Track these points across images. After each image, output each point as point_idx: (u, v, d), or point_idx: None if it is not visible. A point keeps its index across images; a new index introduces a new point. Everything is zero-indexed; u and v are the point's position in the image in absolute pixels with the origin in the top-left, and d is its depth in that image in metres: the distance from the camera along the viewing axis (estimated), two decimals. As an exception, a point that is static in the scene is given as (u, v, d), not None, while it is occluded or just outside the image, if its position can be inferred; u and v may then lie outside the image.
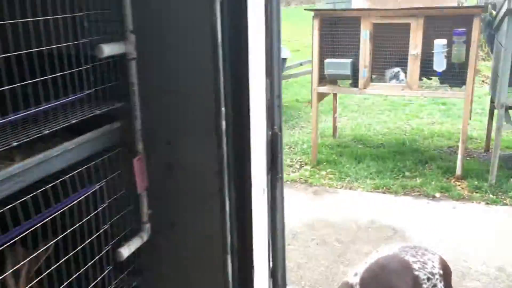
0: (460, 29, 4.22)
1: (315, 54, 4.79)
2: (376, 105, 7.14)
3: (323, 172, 4.88)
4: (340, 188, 4.57)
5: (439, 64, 4.36)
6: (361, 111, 6.97)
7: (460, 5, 9.83)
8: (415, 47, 4.40)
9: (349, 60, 4.68)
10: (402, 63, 4.59)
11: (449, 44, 4.32)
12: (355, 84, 4.79)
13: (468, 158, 5.03)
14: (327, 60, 4.73)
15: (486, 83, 8.42)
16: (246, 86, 1.45)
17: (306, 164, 5.13)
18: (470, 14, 4.21)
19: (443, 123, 6.27)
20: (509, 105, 4.28)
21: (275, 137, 1.74)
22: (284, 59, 6.84)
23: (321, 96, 5.08)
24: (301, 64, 7.67)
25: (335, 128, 5.84)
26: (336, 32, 4.86)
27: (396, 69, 4.72)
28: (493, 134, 4.68)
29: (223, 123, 1.43)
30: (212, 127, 1.44)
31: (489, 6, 10.83)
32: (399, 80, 4.67)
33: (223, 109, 1.42)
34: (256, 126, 1.57)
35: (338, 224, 3.90)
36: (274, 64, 1.67)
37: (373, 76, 5.04)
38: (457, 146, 4.73)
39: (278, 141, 1.75)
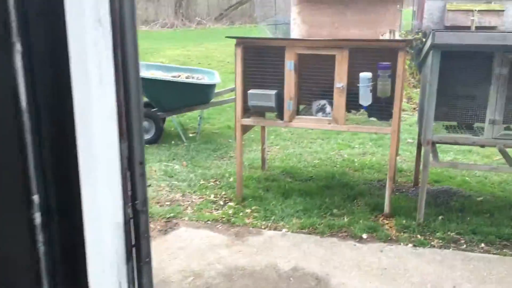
0: (385, 63, 4.07)
1: (238, 84, 4.51)
2: (309, 132, 6.95)
3: (248, 210, 4.56)
4: (265, 228, 4.26)
5: (365, 98, 4.19)
6: (294, 139, 6.76)
7: (392, 33, 10.00)
8: (340, 79, 4.20)
9: (273, 92, 4.42)
10: (329, 95, 4.39)
11: (376, 78, 4.16)
12: (280, 116, 4.53)
13: (397, 193, 4.88)
14: (250, 91, 4.46)
15: (417, 110, 8.46)
16: (73, 156, 1.08)
17: (231, 200, 4.79)
18: (394, 48, 4.07)
19: (374, 153, 6.15)
20: (436, 141, 4.15)
21: (136, 216, 1.38)
22: (213, 85, 6.53)
23: (246, 128, 4.78)
24: (232, 91, 7.38)
25: (263, 160, 5.56)
26: (261, 61, 4.60)
27: (323, 102, 4.52)
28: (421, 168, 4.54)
29: (36, 215, 1.05)
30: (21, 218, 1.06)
31: (420, 34, 11.08)
32: (326, 113, 4.46)
33: (35, 197, 1.04)
34: (99, 208, 1.21)
35: (258, 273, 3.57)
36: (133, 122, 1.32)
37: (302, 107, 4.83)
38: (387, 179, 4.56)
39: (141, 220, 1.39)
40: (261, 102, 4.44)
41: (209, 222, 4.36)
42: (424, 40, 10.21)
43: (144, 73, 6.52)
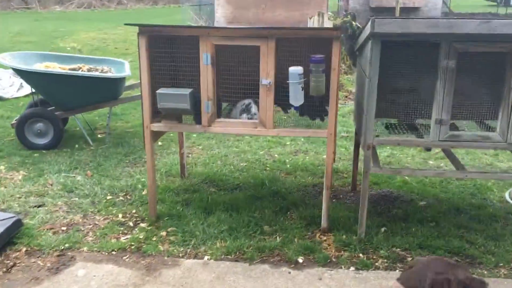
0: (317, 56, 3.44)
1: (144, 83, 3.70)
2: (235, 129, 6.25)
3: (163, 233, 3.81)
4: (183, 256, 3.53)
5: (296, 97, 3.54)
6: (218, 137, 6.04)
7: (321, 16, 9.43)
8: (266, 75, 3.52)
9: (187, 91, 3.66)
10: (255, 93, 3.70)
11: (308, 73, 3.52)
12: (198, 120, 3.79)
13: (334, 200, 4.33)
14: (159, 91, 3.66)
15: (350, 98, 8.04)
16: None
17: (143, 220, 4.01)
18: (328, 37, 3.44)
19: (307, 151, 5.58)
20: (377, 144, 3.60)
21: None
22: (121, 79, 5.62)
23: (157, 135, 4.00)
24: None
25: (183, 167, 4.80)
26: (172, 54, 3.82)
27: (247, 101, 3.83)
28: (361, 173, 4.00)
29: None
30: None
31: (349, 16, 10.65)
32: (251, 114, 3.78)
33: None
34: None
35: (172, 323, 2.86)
36: None
37: (225, 106, 4.12)
38: (323, 185, 3.98)
39: None
40: (173, 104, 3.66)
41: (114, 252, 3.56)
42: (353, 23, 9.80)
43: (36, 65, 5.48)
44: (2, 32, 15.22)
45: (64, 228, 3.89)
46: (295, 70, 3.48)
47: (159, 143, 5.80)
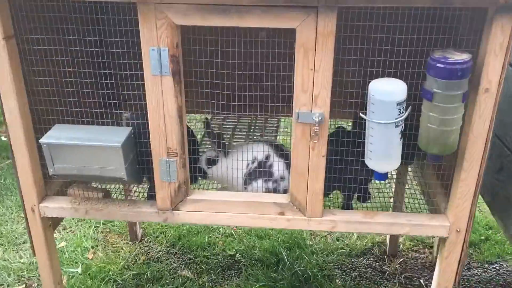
0: (456, 56, 1.32)
1: (12, 116, 1.54)
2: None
3: None
4: None
5: (385, 153, 1.46)
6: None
7: None
8: (311, 100, 1.42)
9: (119, 137, 1.53)
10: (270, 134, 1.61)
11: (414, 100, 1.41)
12: (148, 192, 1.69)
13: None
14: (48, 137, 1.52)
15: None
16: None
17: None
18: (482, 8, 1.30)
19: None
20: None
21: None
22: None
23: (56, 222, 1.88)
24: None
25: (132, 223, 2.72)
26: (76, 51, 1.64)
27: (262, 152, 1.72)
28: None
29: None
30: None
31: None
32: (274, 180, 1.69)
33: None
34: None
35: None
36: None
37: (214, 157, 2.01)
38: None
39: None
40: (85, 167, 1.55)
41: None
42: None
43: None
44: None
45: None
46: (389, 90, 1.36)
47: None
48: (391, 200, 2.20)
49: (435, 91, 1.31)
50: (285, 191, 1.69)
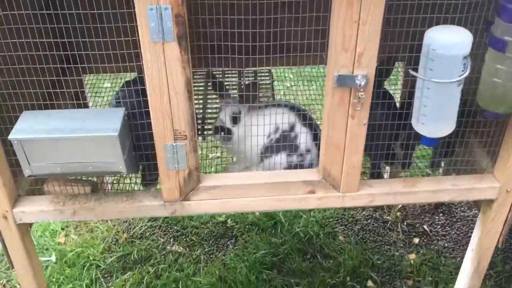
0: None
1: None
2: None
3: None
4: None
5: (442, 115, 1.24)
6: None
7: None
8: (353, 58, 1.16)
9: (114, 123, 1.21)
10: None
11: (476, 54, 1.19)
12: (146, 179, 1.40)
13: None
14: (18, 127, 1.17)
15: None
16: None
17: None
18: None
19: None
20: None
21: None
22: None
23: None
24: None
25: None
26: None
27: (284, 120, 1.45)
28: None
29: None
30: None
31: None
32: (299, 153, 1.45)
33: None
34: None
35: None
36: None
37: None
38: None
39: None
40: (67, 164, 1.22)
41: None
42: None
43: None
44: None
45: None
46: (454, 42, 1.12)
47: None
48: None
49: (509, 40, 1.09)
50: (310, 166, 1.46)
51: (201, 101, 1.86)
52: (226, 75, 1.96)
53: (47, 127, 1.19)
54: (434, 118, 1.21)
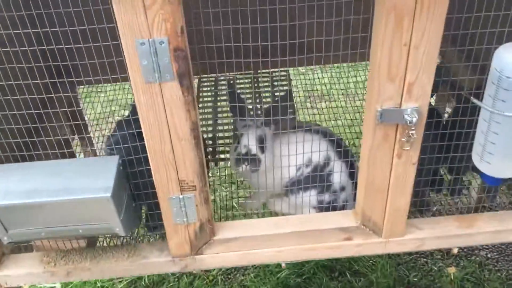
0: None
1: None
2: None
3: None
4: None
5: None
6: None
7: None
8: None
9: (107, 181, 0.98)
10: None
11: None
12: (152, 229, 1.18)
13: None
14: None
15: None
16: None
17: None
18: None
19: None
20: None
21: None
22: None
23: None
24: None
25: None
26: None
27: (318, 153, 1.20)
28: None
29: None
30: None
31: None
32: (336, 195, 1.21)
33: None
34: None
35: None
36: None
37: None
38: None
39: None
40: (52, 229, 1.01)
41: None
42: None
43: None
44: None
45: None
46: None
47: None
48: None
49: None
50: (343, 206, 1.22)
51: (210, 116, 1.62)
52: (238, 82, 1.71)
53: (24, 187, 0.97)
54: (503, 156, 0.97)
